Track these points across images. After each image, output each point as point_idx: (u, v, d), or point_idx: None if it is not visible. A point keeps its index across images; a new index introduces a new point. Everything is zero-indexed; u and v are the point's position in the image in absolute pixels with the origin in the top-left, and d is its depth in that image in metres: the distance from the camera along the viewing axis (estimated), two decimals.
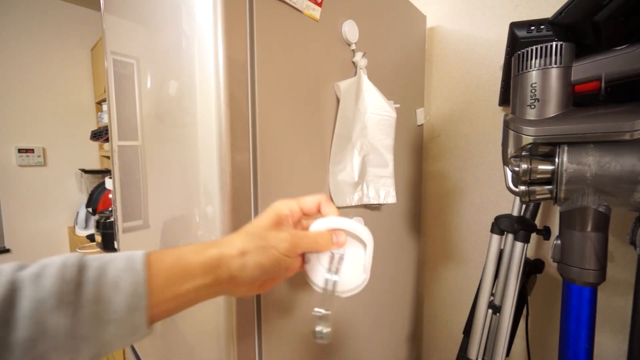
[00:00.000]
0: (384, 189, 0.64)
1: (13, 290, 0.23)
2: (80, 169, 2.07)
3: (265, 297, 0.47)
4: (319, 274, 0.36)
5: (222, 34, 0.40)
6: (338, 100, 0.57)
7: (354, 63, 0.60)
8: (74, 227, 1.97)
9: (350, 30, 0.57)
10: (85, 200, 1.89)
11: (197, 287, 0.29)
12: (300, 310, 0.53)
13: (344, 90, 0.56)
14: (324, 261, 0.36)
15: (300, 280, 0.52)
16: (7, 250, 1.87)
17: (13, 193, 1.87)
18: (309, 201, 0.37)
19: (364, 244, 0.36)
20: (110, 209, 1.67)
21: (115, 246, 0.99)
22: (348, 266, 0.36)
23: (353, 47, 0.59)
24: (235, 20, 0.41)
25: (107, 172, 2.08)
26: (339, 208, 0.57)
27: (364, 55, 0.59)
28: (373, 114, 0.59)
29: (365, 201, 0.61)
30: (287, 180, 0.49)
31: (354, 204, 0.60)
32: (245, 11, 0.42)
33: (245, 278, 0.31)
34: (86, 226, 1.89)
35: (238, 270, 0.30)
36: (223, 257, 0.30)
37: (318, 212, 0.37)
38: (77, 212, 1.96)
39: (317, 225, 0.36)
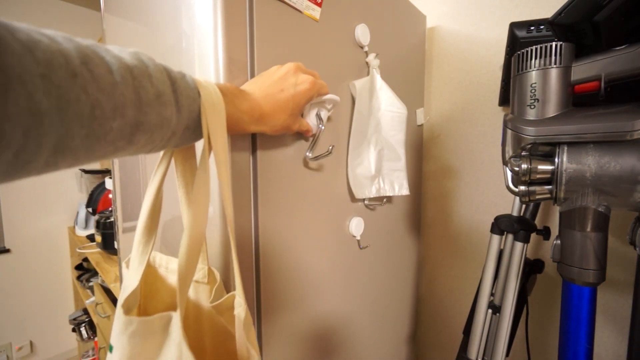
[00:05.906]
0: (397, 182, 0.67)
1: (133, 78, 0.24)
2: (80, 169, 2.07)
3: (266, 298, 0.47)
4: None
5: (222, 34, 0.40)
6: (353, 100, 0.59)
7: (367, 63, 0.62)
8: (74, 227, 1.97)
9: (362, 33, 0.60)
10: (85, 200, 1.89)
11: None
12: (300, 310, 0.53)
13: (359, 89, 0.58)
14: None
15: (301, 280, 0.52)
16: (7, 250, 1.86)
17: (13, 193, 1.87)
18: None
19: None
20: (110, 209, 1.67)
21: (115, 246, 0.99)
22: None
23: (366, 49, 0.62)
24: (235, 20, 0.41)
25: (107, 172, 2.08)
26: (358, 200, 0.63)
27: (376, 56, 0.62)
28: (386, 110, 0.62)
29: (382, 193, 0.64)
30: (287, 180, 0.49)
31: (372, 196, 0.63)
32: (245, 11, 0.42)
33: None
34: (86, 226, 1.89)
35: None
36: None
37: None
38: (77, 212, 1.96)
39: None
